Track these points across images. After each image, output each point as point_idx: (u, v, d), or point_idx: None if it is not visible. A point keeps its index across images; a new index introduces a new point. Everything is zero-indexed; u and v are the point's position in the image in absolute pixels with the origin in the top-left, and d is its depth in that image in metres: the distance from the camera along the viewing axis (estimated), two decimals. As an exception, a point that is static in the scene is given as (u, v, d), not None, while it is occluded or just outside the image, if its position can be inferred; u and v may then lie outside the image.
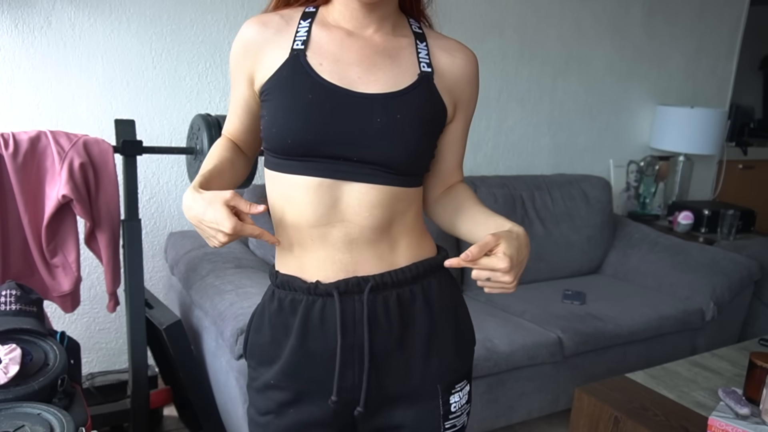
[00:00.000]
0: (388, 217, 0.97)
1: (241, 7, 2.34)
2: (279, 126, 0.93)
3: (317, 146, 0.92)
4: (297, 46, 0.96)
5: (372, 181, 0.94)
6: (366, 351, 0.97)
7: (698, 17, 3.53)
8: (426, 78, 0.98)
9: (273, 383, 1.02)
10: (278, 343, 1.02)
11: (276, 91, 0.95)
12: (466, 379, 1.08)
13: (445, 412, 1.04)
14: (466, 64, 1.03)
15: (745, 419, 1.57)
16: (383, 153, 0.93)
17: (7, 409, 1.21)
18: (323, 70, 0.94)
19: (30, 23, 2.05)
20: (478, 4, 2.81)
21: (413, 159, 0.96)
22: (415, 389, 1.02)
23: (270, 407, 1.04)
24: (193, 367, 1.90)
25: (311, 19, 0.99)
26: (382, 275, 0.98)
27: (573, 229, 2.92)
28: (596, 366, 2.35)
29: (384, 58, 0.98)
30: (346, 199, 0.95)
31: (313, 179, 0.94)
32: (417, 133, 0.96)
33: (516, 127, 3.08)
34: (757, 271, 2.83)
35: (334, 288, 0.97)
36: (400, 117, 0.94)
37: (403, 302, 0.99)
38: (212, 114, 1.84)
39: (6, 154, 1.62)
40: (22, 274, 1.72)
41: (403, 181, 0.97)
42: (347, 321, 0.97)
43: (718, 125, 3.34)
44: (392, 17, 1.01)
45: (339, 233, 0.96)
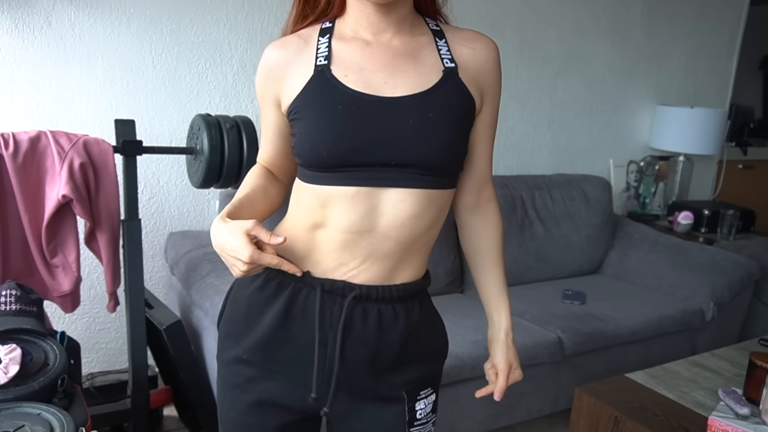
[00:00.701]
0: (417, 232, 0.97)
1: (241, 7, 2.34)
2: (312, 140, 0.93)
3: (353, 155, 0.92)
4: (320, 62, 0.96)
5: (409, 185, 0.94)
6: (337, 356, 0.98)
7: (698, 17, 3.53)
8: (451, 73, 0.98)
9: (244, 358, 1.03)
10: (252, 319, 1.02)
11: (305, 108, 0.95)
12: (431, 388, 1.09)
13: (410, 418, 1.04)
14: (487, 53, 1.03)
15: (745, 419, 1.57)
16: (420, 153, 0.93)
17: (7, 409, 1.21)
18: (349, 80, 0.95)
19: (30, 23, 2.05)
20: (478, 4, 2.81)
21: (450, 156, 0.96)
22: (381, 393, 1.03)
23: (237, 382, 1.04)
24: (193, 367, 1.90)
25: (329, 35, 0.99)
26: (369, 288, 0.98)
27: (573, 229, 2.92)
28: (596, 366, 2.35)
29: (407, 60, 0.98)
30: (381, 208, 0.95)
31: (351, 188, 0.94)
32: (451, 129, 0.96)
33: (516, 127, 3.08)
34: (757, 271, 2.83)
35: (318, 284, 0.97)
36: (432, 116, 0.94)
37: (384, 319, 1.00)
38: (212, 114, 1.84)
39: (6, 154, 1.62)
40: (22, 274, 1.72)
41: (438, 182, 0.97)
42: (325, 319, 0.98)
43: (718, 125, 3.34)
44: (409, 18, 1.01)
45: (363, 243, 0.96)
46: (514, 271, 2.74)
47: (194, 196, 2.42)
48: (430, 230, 1.00)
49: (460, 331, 2.13)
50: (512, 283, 2.72)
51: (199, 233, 2.33)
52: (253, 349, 1.02)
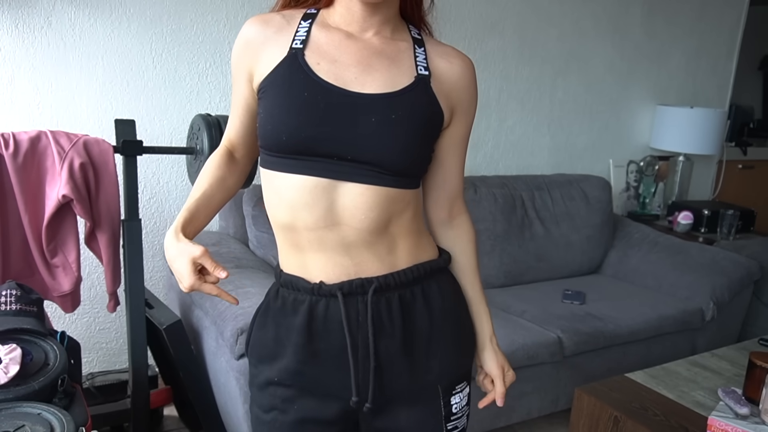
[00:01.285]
0: (384, 219, 0.97)
1: (241, 7, 2.34)
2: (274, 122, 0.94)
3: (311, 144, 0.92)
4: (296, 45, 0.96)
5: (367, 181, 0.94)
6: (371, 351, 0.98)
7: (698, 17, 3.53)
8: (423, 80, 0.98)
9: (276, 380, 1.03)
10: (281, 341, 1.02)
11: (272, 88, 0.95)
12: (466, 381, 1.09)
13: (446, 413, 1.05)
14: (464, 71, 1.03)
15: (745, 419, 1.57)
16: (378, 153, 0.93)
17: (7, 409, 1.21)
18: (320, 69, 0.95)
19: (30, 23, 2.05)
20: (478, 4, 2.81)
21: (408, 159, 0.96)
22: (417, 390, 1.03)
23: (274, 404, 1.04)
24: (193, 367, 1.90)
25: (312, 20, 1.00)
26: (385, 277, 0.98)
27: (573, 229, 2.92)
28: (596, 366, 2.35)
29: (381, 60, 0.98)
30: (342, 201, 0.95)
31: (309, 179, 0.94)
32: (412, 133, 0.96)
33: (516, 127, 3.08)
34: (757, 271, 2.83)
35: (337, 289, 0.97)
36: (395, 117, 0.94)
37: (405, 303, 1.00)
38: (212, 114, 1.84)
39: (6, 154, 1.62)
40: (22, 274, 1.72)
41: (398, 182, 0.97)
42: (351, 322, 0.98)
43: (718, 125, 3.34)
44: (392, 22, 1.01)
45: (335, 237, 0.96)
46: (514, 271, 2.74)
47: (194, 196, 2.41)
48: (400, 218, 1.00)
49: (460, 331, 2.13)
50: (512, 283, 2.73)
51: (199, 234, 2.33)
52: (284, 370, 1.02)
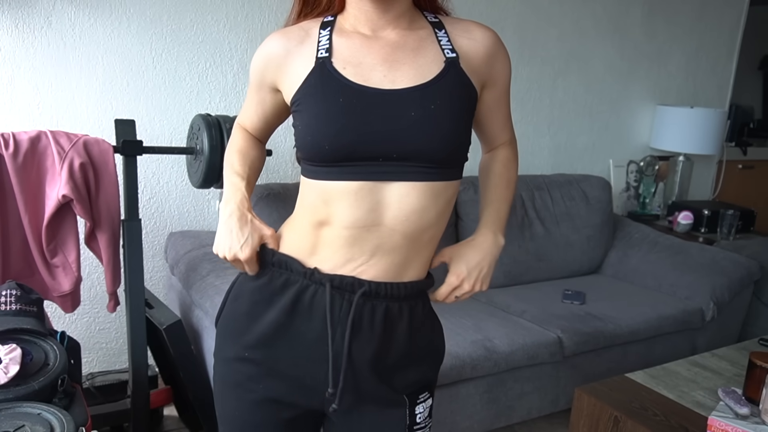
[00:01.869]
0: (423, 225, 0.97)
1: (241, 7, 2.34)
2: (314, 133, 0.93)
3: (355, 148, 0.92)
4: (321, 54, 0.97)
5: (413, 178, 0.94)
6: (345, 353, 0.98)
7: (698, 17, 3.53)
8: (453, 63, 0.98)
9: (246, 356, 1.03)
10: (255, 316, 1.02)
11: (306, 99, 0.96)
12: (429, 392, 1.09)
13: (411, 422, 1.05)
14: (488, 41, 1.03)
15: (745, 419, 1.57)
16: (422, 145, 0.93)
17: (7, 409, 1.21)
18: (348, 73, 0.95)
19: (30, 23, 2.05)
20: (478, 4, 2.81)
21: (453, 147, 0.96)
22: (383, 396, 1.03)
23: (238, 380, 1.04)
24: (193, 367, 1.90)
25: (330, 28, 1.00)
26: (378, 284, 0.98)
27: (573, 229, 2.92)
28: (596, 366, 2.35)
29: (406, 53, 0.98)
30: (387, 202, 0.94)
31: (354, 183, 0.93)
32: (454, 120, 0.96)
33: (516, 127, 3.06)
34: (757, 271, 2.82)
35: (327, 280, 0.97)
36: (434, 107, 0.94)
37: (390, 316, 1.00)
38: (212, 114, 1.84)
39: (6, 154, 1.62)
40: (22, 274, 1.72)
41: (443, 174, 0.96)
42: (334, 315, 0.98)
43: (718, 125, 3.34)
44: (407, 14, 1.01)
45: (371, 237, 0.96)
46: (514, 271, 2.74)
47: (194, 196, 2.42)
48: (437, 223, 1.00)
49: (460, 331, 2.13)
50: (512, 283, 2.73)
51: (199, 233, 2.33)
52: (253, 347, 1.02)
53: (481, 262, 1.05)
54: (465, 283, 1.05)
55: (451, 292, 1.06)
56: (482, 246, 1.06)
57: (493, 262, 1.07)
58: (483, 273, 1.06)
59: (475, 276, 1.05)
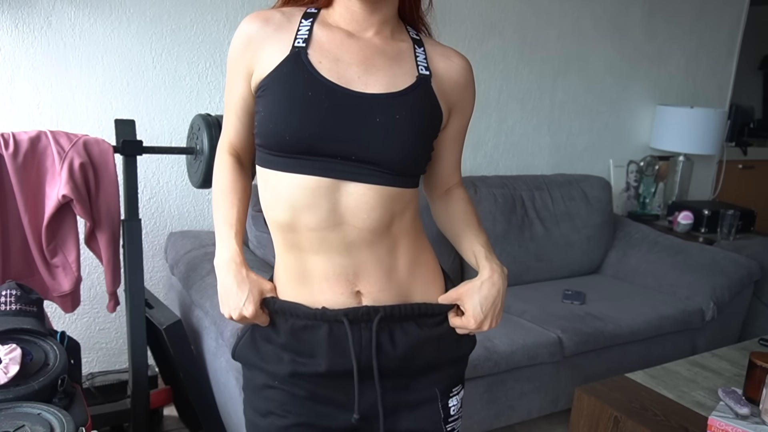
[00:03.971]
0: (386, 218, 0.97)
1: (241, 7, 2.34)
2: (276, 121, 0.93)
3: (315, 143, 0.92)
4: (298, 43, 0.96)
5: (370, 181, 0.94)
6: (376, 379, 0.99)
7: (698, 17, 3.53)
8: (424, 80, 0.99)
9: (276, 384, 1.03)
10: (273, 358, 1.03)
11: (274, 86, 0.94)
12: (461, 384, 1.10)
13: (445, 415, 1.06)
14: (462, 70, 1.04)
15: (745, 419, 1.57)
16: (382, 152, 0.93)
17: (7, 409, 1.21)
18: (322, 68, 0.94)
19: (30, 23, 2.05)
20: (478, 4, 2.81)
21: (411, 159, 0.97)
22: (414, 396, 1.04)
23: (270, 408, 1.04)
24: (193, 367, 1.90)
25: (313, 19, 0.99)
26: (392, 308, 0.99)
27: (573, 229, 2.92)
28: (596, 366, 2.35)
29: (383, 60, 0.98)
30: (345, 201, 0.94)
31: (312, 179, 0.93)
32: (415, 133, 0.96)
33: (516, 127, 3.08)
34: (757, 271, 2.83)
35: (343, 316, 0.98)
36: (399, 117, 0.94)
37: (409, 333, 1.01)
38: (212, 114, 1.84)
39: (6, 154, 1.62)
40: (22, 274, 1.72)
41: (400, 181, 0.97)
42: (356, 347, 0.99)
43: (718, 125, 3.34)
44: (391, 22, 1.02)
45: (337, 236, 0.96)
46: (514, 271, 2.74)
47: (194, 196, 2.42)
48: (401, 217, 1.00)
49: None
50: (512, 283, 2.73)
51: (199, 233, 2.33)
52: (281, 377, 1.02)
53: (495, 299, 1.04)
54: (484, 325, 1.04)
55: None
56: (494, 281, 1.04)
57: (504, 296, 1.06)
58: (498, 309, 1.05)
59: (491, 315, 1.04)
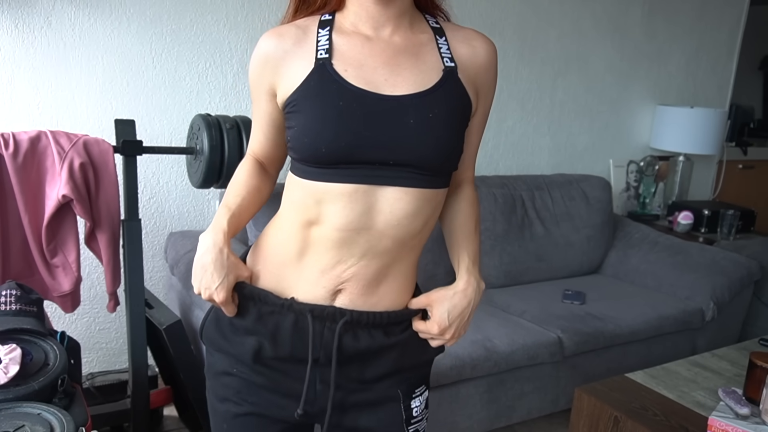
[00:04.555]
0: (414, 228, 0.97)
1: (241, 7, 2.34)
2: (311, 135, 0.92)
3: (352, 153, 0.91)
4: (321, 55, 0.95)
5: (407, 184, 0.93)
6: (332, 378, 0.98)
7: (698, 17, 3.53)
8: (451, 73, 0.98)
9: (234, 371, 1.03)
10: (236, 341, 1.02)
11: (304, 101, 0.94)
12: (425, 385, 1.09)
13: (407, 416, 1.05)
14: (486, 53, 1.03)
15: (745, 419, 1.57)
16: (419, 153, 0.93)
17: (7, 409, 1.21)
18: (349, 76, 0.94)
19: (30, 23, 2.05)
20: (478, 4, 2.81)
21: (447, 156, 0.96)
22: (375, 395, 1.03)
23: (226, 394, 1.05)
24: (193, 367, 1.90)
25: (329, 27, 0.98)
26: (360, 314, 0.98)
27: (573, 229, 2.91)
28: (596, 366, 2.35)
29: (407, 58, 0.97)
30: (379, 206, 0.94)
31: (349, 186, 0.93)
32: (450, 129, 0.96)
33: (516, 127, 3.08)
34: (757, 271, 2.82)
35: (308, 310, 0.97)
36: (432, 116, 0.93)
37: (375, 338, 1.00)
38: (212, 114, 1.84)
39: (6, 154, 1.62)
40: (22, 274, 1.72)
41: (434, 181, 0.97)
42: (315, 342, 0.98)
43: (718, 125, 3.34)
44: (408, 14, 1.00)
45: (361, 240, 0.95)
46: (514, 271, 2.74)
47: (194, 196, 2.42)
48: (424, 228, 1.00)
49: (460, 331, 2.13)
50: (512, 283, 2.73)
51: (199, 233, 2.32)
52: (240, 364, 1.03)
53: (464, 311, 1.02)
54: (446, 334, 1.03)
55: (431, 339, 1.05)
56: (466, 293, 1.02)
57: (474, 310, 1.04)
58: (464, 322, 1.04)
59: (456, 325, 1.03)
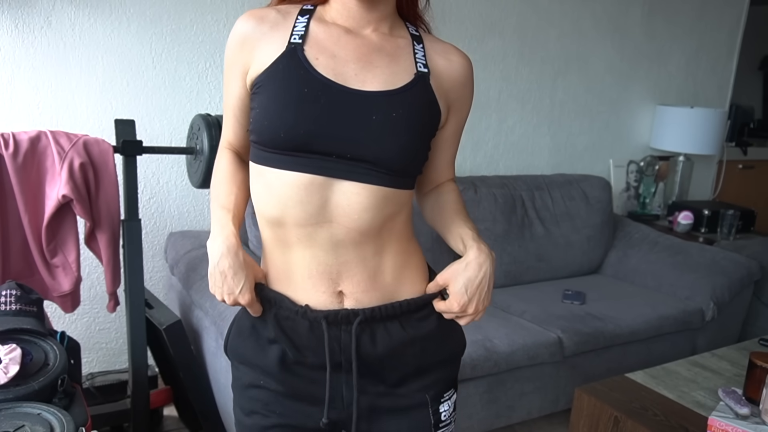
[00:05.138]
0: (377, 221, 0.96)
1: (241, 7, 2.34)
2: (271, 118, 0.91)
3: (310, 141, 0.91)
4: (294, 39, 0.95)
5: (364, 180, 0.93)
6: (354, 382, 0.98)
7: (698, 17, 3.53)
8: (422, 78, 0.97)
9: (261, 383, 1.02)
10: (260, 351, 1.02)
11: (270, 82, 0.93)
12: (453, 388, 1.09)
13: (435, 421, 1.04)
14: (462, 68, 1.03)
15: (745, 419, 1.57)
16: (378, 151, 0.92)
17: (7, 409, 1.21)
18: (319, 64, 0.93)
19: (30, 23, 2.05)
20: (478, 4, 2.81)
21: (408, 159, 0.95)
22: (405, 401, 1.03)
23: (254, 407, 1.03)
24: (193, 367, 1.90)
25: (309, 16, 0.99)
26: (372, 309, 0.97)
27: (573, 229, 2.92)
28: (596, 366, 2.35)
29: (381, 57, 0.97)
30: (336, 199, 0.93)
31: (304, 176, 0.92)
32: (412, 132, 0.95)
33: (516, 127, 3.08)
34: (757, 271, 2.83)
35: (322, 318, 0.96)
36: (395, 115, 0.93)
37: (392, 334, 1.00)
38: (212, 114, 1.84)
39: (6, 154, 1.62)
40: (22, 274, 1.72)
41: (395, 181, 0.95)
42: (334, 348, 0.98)
43: (718, 125, 3.34)
44: (390, 19, 1.01)
45: (325, 234, 0.95)
46: (513, 271, 2.74)
47: (194, 196, 2.42)
48: (393, 220, 0.98)
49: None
50: (512, 283, 2.73)
51: (199, 233, 2.33)
52: (266, 375, 1.02)
53: (482, 281, 0.98)
54: (469, 308, 0.99)
55: (457, 318, 1.02)
56: (479, 262, 0.98)
57: (492, 277, 1.00)
58: (485, 292, 0.99)
59: (477, 298, 0.99)
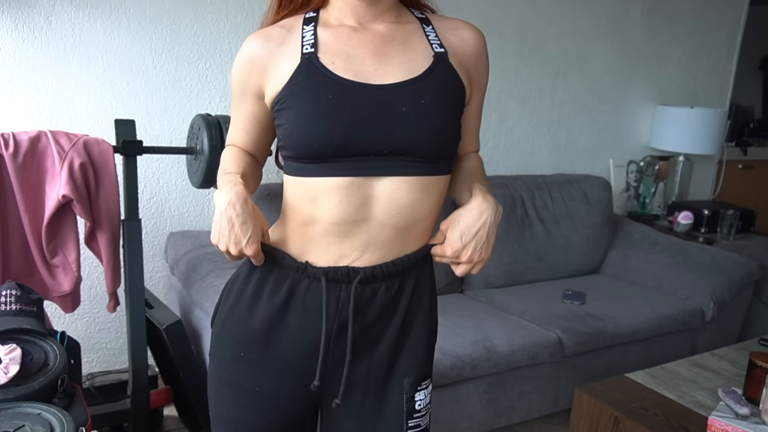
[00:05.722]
0: (414, 219, 0.96)
1: (241, 7, 2.34)
2: (302, 131, 0.91)
3: (345, 145, 0.90)
4: (306, 49, 0.95)
5: (403, 173, 0.92)
6: (348, 345, 0.97)
7: (698, 17, 3.53)
8: (442, 58, 0.97)
9: (242, 355, 1.02)
10: (248, 315, 1.01)
11: (293, 96, 0.93)
12: (430, 378, 1.08)
13: (409, 409, 1.03)
14: (474, 40, 1.03)
15: (745, 419, 1.57)
16: (414, 140, 0.91)
17: (7, 409, 1.21)
18: (337, 68, 0.93)
19: (30, 23, 2.05)
20: (478, 4, 2.81)
21: (443, 141, 0.95)
22: (381, 382, 1.02)
23: (234, 379, 1.03)
24: (193, 367, 1.90)
25: (314, 23, 0.98)
26: (372, 268, 0.97)
27: (573, 229, 2.92)
28: (596, 366, 2.35)
29: (395, 46, 0.97)
30: (376, 197, 0.93)
31: (344, 179, 0.92)
32: (444, 114, 0.95)
33: (516, 127, 3.08)
34: (757, 271, 2.83)
35: (322, 273, 0.96)
36: (424, 102, 0.93)
37: (391, 293, 0.99)
38: (212, 114, 1.84)
39: (6, 154, 1.62)
40: (22, 274, 1.72)
41: (434, 168, 0.95)
42: (330, 309, 0.97)
43: (718, 125, 3.34)
44: (394, 8, 1.00)
45: (361, 232, 0.95)
46: (514, 271, 2.74)
47: (194, 196, 2.42)
48: (428, 216, 0.99)
49: (460, 331, 2.13)
50: (512, 283, 2.73)
51: (199, 233, 2.33)
52: (249, 346, 1.01)
53: (480, 229, 0.92)
54: (463, 255, 0.94)
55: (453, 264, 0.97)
56: (480, 209, 0.93)
57: (493, 227, 0.93)
58: (482, 241, 0.93)
59: (473, 246, 0.93)
